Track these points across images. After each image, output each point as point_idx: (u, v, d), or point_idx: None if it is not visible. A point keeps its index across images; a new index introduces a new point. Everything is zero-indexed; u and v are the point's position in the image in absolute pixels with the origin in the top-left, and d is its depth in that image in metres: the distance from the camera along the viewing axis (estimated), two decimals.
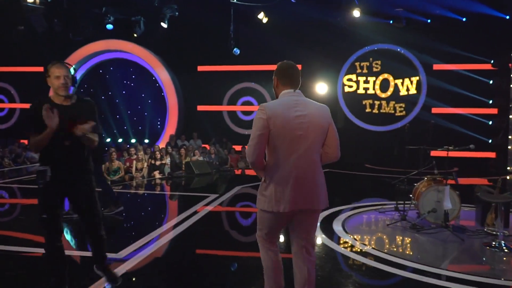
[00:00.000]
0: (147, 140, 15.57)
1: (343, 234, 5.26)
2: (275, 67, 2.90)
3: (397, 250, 4.80)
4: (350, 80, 13.92)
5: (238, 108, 14.90)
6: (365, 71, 13.73)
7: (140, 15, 14.31)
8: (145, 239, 4.98)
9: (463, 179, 6.72)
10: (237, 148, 13.41)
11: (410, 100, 13.23)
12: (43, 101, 3.15)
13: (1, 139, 14.61)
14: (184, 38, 14.49)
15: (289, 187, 2.63)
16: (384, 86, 13.52)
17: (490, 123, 12.61)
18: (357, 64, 13.79)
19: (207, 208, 6.82)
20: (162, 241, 4.99)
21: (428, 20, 12.68)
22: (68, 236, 5.21)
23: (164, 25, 14.03)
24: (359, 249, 4.72)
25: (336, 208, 6.70)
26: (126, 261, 4.17)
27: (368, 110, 13.70)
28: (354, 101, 13.79)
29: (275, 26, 13.36)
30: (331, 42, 13.28)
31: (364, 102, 13.73)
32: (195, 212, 6.43)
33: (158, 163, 10.91)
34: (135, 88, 15.93)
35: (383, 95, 13.54)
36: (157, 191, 9.12)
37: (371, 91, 13.67)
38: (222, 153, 12.57)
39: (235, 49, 14.14)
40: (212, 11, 13.03)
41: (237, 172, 12.20)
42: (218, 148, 13.09)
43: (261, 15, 13.15)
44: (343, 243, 4.93)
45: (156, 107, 15.55)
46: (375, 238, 5.29)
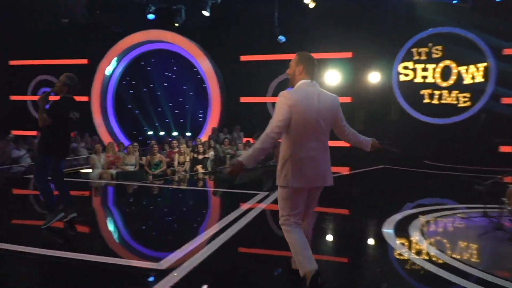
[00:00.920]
0: (189, 133, 15.12)
1: (430, 248, 4.37)
2: (298, 56, 3.14)
3: (502, 270, 3.87)
4: (406, 68, 12.80)
5: None
6: (423, 57, 12.56)
7: (181, 4, 13.83)
8: (190, 244, 4.32)
9: None
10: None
11: (476, 89, 11.94)
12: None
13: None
14: (227, 26, 13.88)
15: (305, 167, 2.95)
16: (446, 74, 12.29)
17: None
18: (414, 50, 12.65)
19: (260, 206, 6.14)
20: (212, 247, 4.29)
21: None
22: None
23: (206, 13, 13.49)
24: (450, 265, 3.84)
25: (407, 212, 5.83)
26: (169, 273, 3.53)
27: (427, 100, 12.53)
28: (411, 91, 12.67)
29: (323, 11, 12.49)
30: (385, 26, 12.24)
31: (422, 92, 12.58)
32: (245, 212, 5.76)
33: (201, 157, 10.35)
34: (176, 80, 15.51)
35: (444, 84, 12.32)
36: (200, 187, 8.56)
37: (430, 80, 12.49)
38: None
39: (280, 36, 13.39)
40: None
41: None
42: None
43: (307, 0, 12.30)
44: (428, 256, 4.07)
45: (198, 99, 15.05)
46: (468, 252, 4.36)
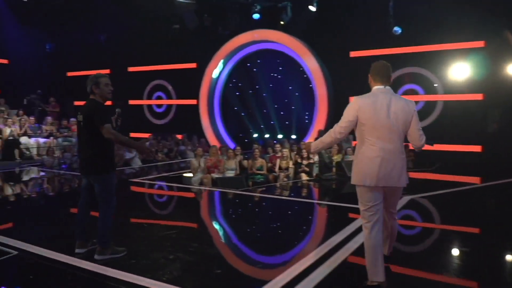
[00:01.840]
0: (294, 136, 14.46)
1: None
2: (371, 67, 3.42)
3: None
4: None
5: None
6: None
7: (287, 1, 13.23)
8: (298, 267, 3.63)
9: None
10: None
11: None
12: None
13: (159, 134, 15.25)
14: (335, 20, 12.89)
15: (373, 166, 3.14)
16: None
17: None
18: None
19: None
20: (323, 271, 3.55)
21: None
22: None
23: (313, 8, 12.69)
24: None
25: None
26: None
27: None
28: None
29: None
30: None
31: None
32: (358, 231, 4.84)
33: (306, 162, 9.58)
34: (282, 80, 14.96)
35: None
36: (304, 197, 7.74)
37: None
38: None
39: (395, 28, 11.98)
40: None
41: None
42: None
43: None
44: None
45: (304, 99, 14.29)
46: None
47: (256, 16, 13.71)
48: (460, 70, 11.57)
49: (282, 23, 13.45)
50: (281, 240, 4.71)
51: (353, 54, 12.96)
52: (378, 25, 12.12)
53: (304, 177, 9.25)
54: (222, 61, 14.50)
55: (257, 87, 15.27)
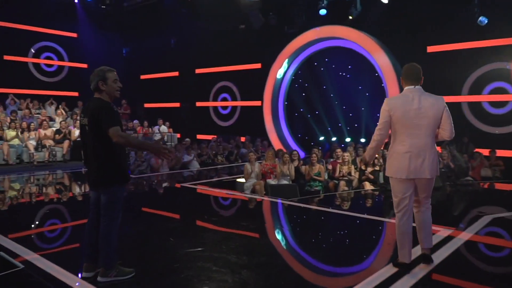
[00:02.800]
0: (363, 140, 13.40)
1: None
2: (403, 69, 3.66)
3: None
4: None
5: (484, 98, 11.10)
6: None
7: None
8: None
9: None
10: (483, 151, 9.87)
11: None
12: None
13: (222, 136, 15.06)
14: (410, 12, 11.65)
15: (404, 161, 3.45)
16: None
17: None
18: None
19: (460, 237, 4.59)
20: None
21: None
22: None
23: (385, 0, 11.58)
24: None
25: None
26: None
27: None
28: None
29: None
30: None
31: None
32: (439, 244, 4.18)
33: (370, 169, 8.61)
34: (351, 80, 13.95)
35: None
36: (366, 211, 6.62)
37: None
38: (460, 158, 9.25)
39: (481, 18, 10.50)
40: None
41: (481, 184, 8.83)
42: (454, 151, 9.82)
43: None
44: None
45: (374, 100, 13.13)
46: None
47: (322, 11, 12.89)
48: None
49: (351, 17, 12.49)
50: (336, 267, 3.97)
51: (431, 49, 11.62)
52: (460, 15, 10.74)
53: (367, 186, 8.30)
54: (286, 60, 13.88)
55: (324, 87, 14.41)
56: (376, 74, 12.67)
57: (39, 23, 17.13)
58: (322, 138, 14.53)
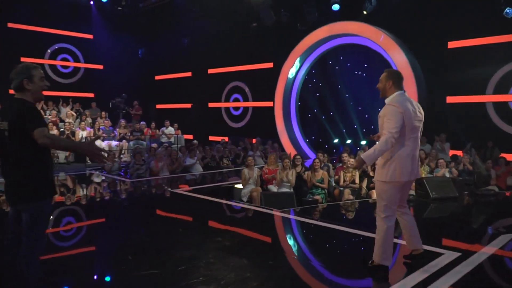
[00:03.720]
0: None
1: None
2: (386, 72, 3.74)
3: None
4: None
5: (511, 97, 10.13)
6: None
7: None
8: None
9: None
10: (508, 157, 8.96)
11: None
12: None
13: (233, 138, 14.59)
14: (429, 5, 10.82)
15: (408, 163, 3.54)
16: None
17: None
18: None
19: (484, 251, 4.09)
20: None
21: None
22: None
23: None
24: None
25: None
26: None
27: None
28: None
29: None
30: None
31: None
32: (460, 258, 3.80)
33: None
34: (367, 79, 13.15)
35: None
36: (368, 225, 5.25)
37: None
38: (481, 165, 8.39)
39: (507, 9, 9.58)
40: None
41: (507, 194, 7.94)
42: (475, 156, 8.96)
43: None
44: None
45: None
46: None
47: (335, 7, 12.21)
48: None
49: (365, 12, 11.75)
50: None
51: (452, 44, 10.74)
52: (484, 7, 9.84)
53: (374, 194, 7.58)
54: (298, 59, 13.25)
55: (338, 87, 13.68)
56: None
57: (55, 25, 17.16)
58: (336, 141, 13.80)
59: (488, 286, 3.57)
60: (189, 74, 17.75)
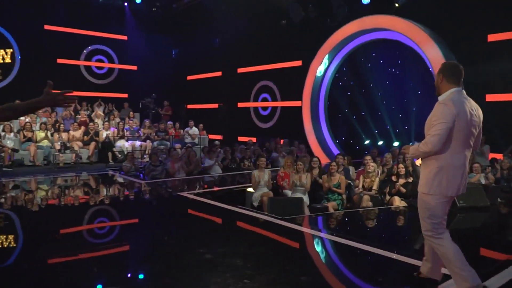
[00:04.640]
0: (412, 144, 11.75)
1: None
2: (442, 65, 3.22)
3: None
4: None
5: None
6: None
7: None
8: None
9: None
10: None
11: None
12: None
13: (260, 139, 14.22)
14: None
15: (460, 175, 3.01)
16: None
17: None
18: None
19: None
20: None
21: None
22: None
23: None
24: None
25: None
26: None
27: None
28: None
29: None
30: None
31: None
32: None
33: (402, 181, 7.23)
34: (400, 76, 12.36)
35: None
36: (394, 246, 4.44)
37: None
38: None
39: None
40: None
41: None
42: None
43: None
44: None
45: (427, 99, 11.41)
46: None
47: (365, 0, 11.53)
48: None
49: (397, 5, 10.99)
50: None
51: (492, 37, 9.77)
52: None
53: (396, 201, 6.94)
54: (326, 56, 12.65)
55: (370, 85, 12.94)
56: (430, 69, 11.00)
57: (90, 27, 17.55)
58: (367, 142, 13.07)
59: None
60: (219, 73, 17.57)
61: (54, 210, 6.67)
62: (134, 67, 18.91)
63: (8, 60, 15.47)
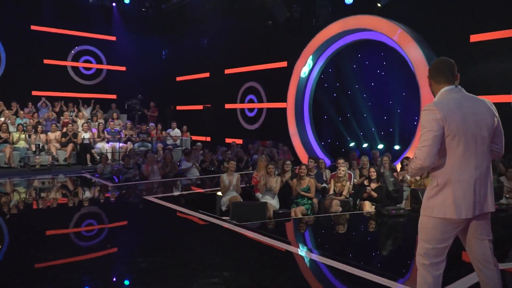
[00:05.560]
0: (397, 147, 11.56)
1: None
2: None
3: None
4: None
5: None
6: None
7: None
8: None
9: None
10: None
11: None
12: None
13: (247, 140, 14.04)
14: None
15: (470, 190, 2.47)
16: None
17: None
18: None
19: None
20: None
21: None
22: None
23: None
24: None
25: None
26: None
27: None
28: None
29: None
30: None
31: None
32: None
33: (374, 185, 7.02)
34: (386, 78, 12.14)
35: None
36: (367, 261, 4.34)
37: None
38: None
39: None
40: None
41: None
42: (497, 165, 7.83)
43: None
44: None
45: (412, 101, 11.21)
46: None
47: (348, 0, 11.34)
48: None
49: (379, 5, 10.80)
50: None
51: (474, 38, 9.55)
52: None
53: (367, 206, 6.73)
54: (310, 57, 12.44)
55: (356, 86, 12.72)
56: (413, 71, 10.78)
57: (78, 28, 17.37)
58: (352, 144, 12.85)
59: None
60: (207, 75, 17.40)
61: (21, 212, 6.50)
62: (123, 68, 18.73)
63: None
